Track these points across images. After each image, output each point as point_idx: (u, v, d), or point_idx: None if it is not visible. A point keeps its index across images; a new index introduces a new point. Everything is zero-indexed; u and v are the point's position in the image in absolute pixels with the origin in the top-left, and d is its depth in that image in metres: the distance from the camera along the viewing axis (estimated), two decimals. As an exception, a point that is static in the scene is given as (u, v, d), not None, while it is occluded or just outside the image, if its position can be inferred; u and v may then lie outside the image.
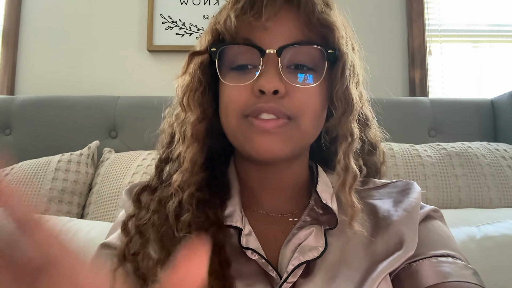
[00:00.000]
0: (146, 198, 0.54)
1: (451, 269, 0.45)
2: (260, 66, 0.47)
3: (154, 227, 0.50)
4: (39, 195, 1.11)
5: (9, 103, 1.40)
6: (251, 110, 0.47)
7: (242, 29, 0.47)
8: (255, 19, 0.47)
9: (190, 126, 0.51)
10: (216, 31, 0.50)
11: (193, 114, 0.51)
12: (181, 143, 0.52)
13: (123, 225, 0.51)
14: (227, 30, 0.48)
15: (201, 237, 0.45)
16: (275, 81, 0.46)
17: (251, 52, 0.48)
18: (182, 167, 0.50)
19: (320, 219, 0.51)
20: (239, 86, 0.48)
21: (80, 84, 1.62)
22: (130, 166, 1.16)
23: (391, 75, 1.65)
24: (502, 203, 1.11)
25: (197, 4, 1.65)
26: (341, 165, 0.49)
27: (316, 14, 0.47)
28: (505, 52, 1.74)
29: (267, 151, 0.47)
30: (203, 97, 0.52)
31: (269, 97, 0.46)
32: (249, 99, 0.47)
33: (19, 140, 1.37)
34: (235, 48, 0.49)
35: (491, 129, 1.43)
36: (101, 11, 1.67)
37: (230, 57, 0.50)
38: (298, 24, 0.48)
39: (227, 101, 0.50)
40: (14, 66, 1.64)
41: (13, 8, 1.66)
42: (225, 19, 0.48)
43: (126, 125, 1.38)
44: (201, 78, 0.51)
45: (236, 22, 0.47)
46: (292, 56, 0.48)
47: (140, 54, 1.65)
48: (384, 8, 1.69)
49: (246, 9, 0.47)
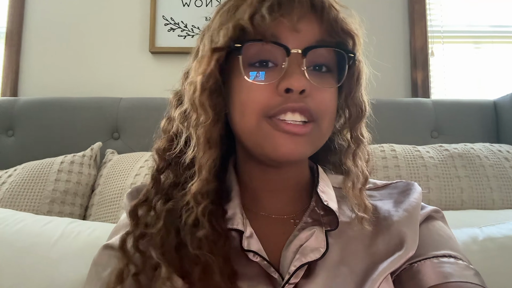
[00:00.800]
0: (145, 213, 0.51)
1: (453, 269, 0.45)
2: (285, 65, 0.46)
3: (155, 243, 0.48)
4: (41, 196, 1.11)
5: (12, 105, 1.41)
6: (277, 110, 0.46)
7: (269, 27, 0.47)
8: (287, 19, 0.46)
9: (203, 129, 0.48)
10: (240, 27, 0.47)
11: (208, 116, 0.48)
12: (196, 148, 0.49)
13: (121, 243, 0.49)
14: (255, 26, 0.46)
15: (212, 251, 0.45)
16: (303, 81, 0.45)
17: (275, 50, 0.47)
18: (201, 176, 0.48)
19: (321, 220, 0.51)
20: (261, 85, 0.47)
21: (82, 86, 1.62)
22: (133, 167, 1.17)
23: (394, 77, 1.65)
24: (505, 205, 1.10)
25: (199, 6, 1.66)
26: (357, 167, 0.52)
27: (339, 21, 0.48)
28: (507, 53, 1.74)
29: (289, 153, 0.46)
30: (218, 97, 0.49)
31: (296, 97, 0.46)
32: (272, 99, 0.47)
33: (22, 142, 1.37)
34: (259, 45, 0.47)
35: (493, 130, 1.43)
36: (104, 13, 1.68)
37: (251, 54, 0.48)
38: (321, 28, 0.49)
39: (245, 100, 0.48)
40: (17, 68, 1.65)
41: (16, 10, 1.66)
42: (251, 14, 0.46)
43: (129, 126, 1.39)
44: (218, 77, 0.48)
45: (268, 18, 0.45)
46: (315, 57, 0.48)
47: (142, 56, 1.66)
48: (386, 9, 1.69)
49: (274, 8, 0.46)
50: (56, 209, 1.11)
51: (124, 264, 0.48)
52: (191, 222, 0.47)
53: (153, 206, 0.51)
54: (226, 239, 0.47)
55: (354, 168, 0.52)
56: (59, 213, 1.10)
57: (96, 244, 0.77)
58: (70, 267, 0.79)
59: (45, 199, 1.11)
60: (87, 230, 0.88)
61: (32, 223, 0.89)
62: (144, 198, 0.52)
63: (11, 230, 0.85)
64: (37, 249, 0.82)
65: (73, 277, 0.77)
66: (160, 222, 0.49)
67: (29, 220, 0.90)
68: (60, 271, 0.79)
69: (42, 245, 0.83)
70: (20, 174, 1.16)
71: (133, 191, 0.59)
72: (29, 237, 0.84)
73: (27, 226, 0.87)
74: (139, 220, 0.51)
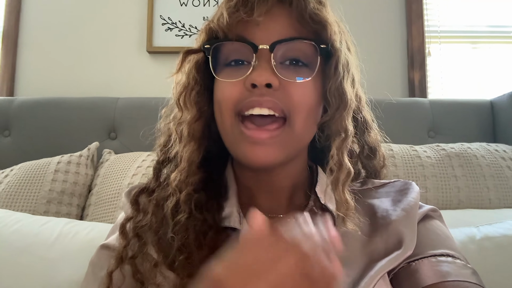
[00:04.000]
0: (144, 200, 0.54)
1: (450, 268, 0.45)
2: (253, 61, 0.47)
3: (151, 230, 0.49)
4: (38, 197, 1.11)
5: (9, 105, 1.40)
6: (243, 104, 0.47)
7: (235, 26, 0.48)
8: (248, 15, 0.47)
9: (186, 125, 0.51)
10: (211, 30, 0.51)
11: (189, 113, 0.51)
12: (178, 142, 0.52)
13: (121, 227, 0.51)
14: (220, 27, 0.49)
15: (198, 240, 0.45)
16: (266, 74, 0.46)
17: (244, 48, 0.48)
18: (180, 166, 0.50)
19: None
20: (232, 82, 0.48)
21: (79, 86, 1.62)
22: (130, 167, 1.16)
23: (391, 77, 1.66)
24: (502, 204, 1.10)
25: (196, 5, 1.65)
26: (334, 161, 0.49)
27: (309, 11, 0.48)
28: (504, 53, 1.75)
29: (261, 161, 0.47)
30: (199, 96, 0.52)
31: (263, 91, 0.46)
32: (242, 94, 0.48)
33: (19, 142, 1.37)
34: (228, 45, 0.50)
35: (490, 130, 1.43)
36: (101, 13, 1.67)
37: (224, 54, 0.50)
38: (290, 21, 0.49)
39: (220, 98, 0.50)
40: (14, 68, 1.64)
41: (13, 10, 1.66)
42: (218, 17, 0.49)
43: (126, 126, 1.38)
44: (196, 77, 0.52)
45: (229, 19, 0.47)
46: (285, 52, 0.48)
47: (140, 56, 1.65)
48: (383, 9, 1.69)
49: (238, 7, 0.48)
50: (53, 209, 1.10)
51: (123, 246, 0.49)
52: (171, 208, 0.49)
53: (154, 196, 0.53)
54: (217, 232, 0.48)
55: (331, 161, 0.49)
56: (56, 213, 1.10)
57: (93, 244, 0.76)
58: (67, 267, 0.79)
59: (42, 199, 1.10)
60: (84, 230, 0.87)
61: (29, 224, 0.88)
62: (145, 187, 0.55)
63: (8, 231, 0.85)
64: (34, 249, 0.82)
65: (70, 277, 0.77)
66: (157, 211, 0.51)
67: (26, 221, 0.90)
68: (57, 271, 0.78)
69: (39, 246, 0.82)
70: (16, 175, 1.15)
71: (130, 190, 0.60)
72: (26, 238, 0.84)
73: (24, 227, 0.87)
74: (139, 207, 0.53)
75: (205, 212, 0.49)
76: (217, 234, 0.48)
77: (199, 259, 0.44)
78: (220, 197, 0.53)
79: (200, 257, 0.45)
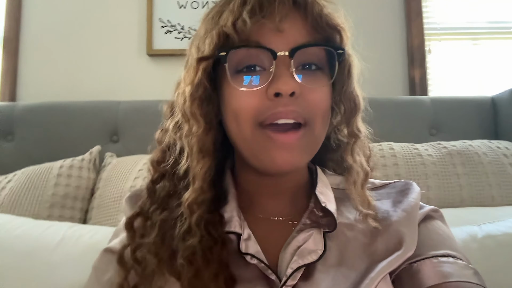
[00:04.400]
0: (140, 224, 0.51)
1: (452, 269, 0.45)
2: (272, 69, 0.46)
3: (152, 254, 0.48)
4: (41, 201, 1.11)
5: (11, 110, 1.41)
6: (267, 115, 0.46)
7: (252, 31, 0.46)
8: (269, 20, 0.46)
9: (196, 139, 0.48)
10: (224, 34, 0.47)
11: (199, 126, 0.48)
12: (189, 158, 0.49)
13: (119, 257, 0.49)
14: (238, 32, 0.46)
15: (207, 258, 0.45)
16: (292, 83, 0.45)
17: (261, 54, 0.47)
18: (194, 186, 0.48)
19: (319, 221, 0.51)
20: (251, 91, 0.46)
21: (81, 90, 1.62)
22: (132, 170, 1.17)
23: (391, 75, 1.65)
24: (505, 201, 1.10)
25: (195, 7, 1.66)
26: (356, 163, 0.51)
27: (324, 16, 0.48)
28: (505, 49, 1.74)
29: (286, 164, 0.46)
30: (208, 106, 0.49)
31: (286, 100, 0.45)
32: (263, 104, 0.46)
33: (21, 147, 1.37)
34: (244, 51, 0.47)
35: (492, 126, 1.43)
36: (100, 17, 1.68)
37: (237, 60, 0.47)
38: (306, 26, 0.48)
39: (237, 108, 0.47)
40: (15, 73, 1.65)
41: (13, 15, 1.66)
42: (233, 20, 0.46)
43: (128, 129, 1.39)
44: (207, 85, 0.48)
45: (250, 23, 0.45)
46: (302, 57, 0.47)
47: (140, 59, 1.66)
48: (382, 7, 1.69)
49: (256, 11, 0.46)
50: (56, 213, 1.11)
51: (123, 278, 0.48)
52: (183, 232, 0.47)
53: (149, 217, 0.51)
54: (223, 244, 0.47)
55: (353, 164, 0.51)
56: (59, 217, 1.10)
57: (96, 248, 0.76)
58: (71, 271, 0.79)
59: (45, 203, 1.11)
60: (87, 234, 0.88)
61: (32, 228, 0.89)
62: (139, 210, 0.52)
63: (11, 235, 0.85)
64: (37, 253, 0.82)
65: (74, 281, 0.77)
66: (154, 233, 0.49)
67: (29, 225, 0.90)
68: (61, 275, 0.79)
69: (42, 250, 0.83)
70: (19, 179, 1.16)
71: (132, 195, 0.59)
72: (29, 242, 0.84)
73: (28, 231, 0.87)
74: (135, 232, 0.51)
75: (211, 227, 0.47)
76: (222, 246, 0.47)
77: (207, 276, 0.44)
78: (220, 205, 0.52)
79: (209, 273, 0.44)
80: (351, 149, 0.52)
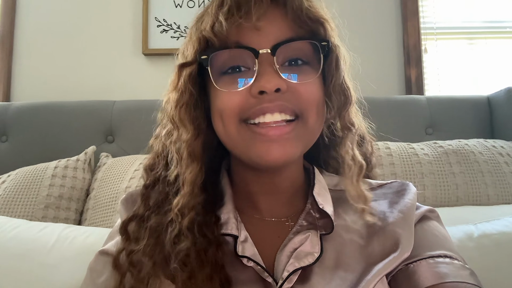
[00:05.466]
0: (134, 229, 0.51)
1: (448, 269, 0.45)
2: (256, 67, 0.46)
3: (146, 257, 0.48)
4: (36, 202, 1.11)
5: (5, 110, 1.39)
6: (252, 111, 0.46)
7: (231, 32, 0.46)
8: (246, 20, 0.46)
9: (185, 144, 0.48)
10: (204, 38, 0.48)
11: (188, 131, 0.48)
12: (178, 164, 0.50)
13: (114, 261, 0.50)
14: (216, 35, 0.46)
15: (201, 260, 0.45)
16: (275, 80, 0.45)
17: (243, 54, 0.47)
18: (183, 190, 0.48)
19: (316, 223, 0.51)
20: (236, 92, 0.46)
21: (76, 89, 1.61)
22: (127, 170, 1.16)
23: (387, 74, 1.66)
24: (500, 200, 1.11)
25: (191, 6, 1.65)
26: (349, 156, 0.50)
27: (304, 10, 0.47)
28: (501, 48, 1.75)
29: (278, 159, 0.46)
30: (196, 110, 0.49)
31: (272, 97, 0.45)
32: (247, 102, 0.46)
33: (16, 147, 1.36)
34: (226, 53, 0.47)
35: (487, 126, 1.43)
36: (96, 16, 1.67)
37: (220, 62, 0.48)
38: (287, 22, 0.48)
39: (222, 108, 0.48)
40: (9, 72, 1.64)
41: (8, 14, 1.65)
42: (212, 24, 0.47)
43: (123, 129, 1.38)
44: (192, 91, 0.49)
45: (227, 25, 0.45)
46: (286, 53, 0.47)
47: (135, 58, 1.65)
48: (378, 7, 1.69)
49: (233, 12, 0.46)
50: (51, 214, 1.10)
51: (118, 281, 0.48)
52: (174, 236, 0.47)
53: (143, 221, 0.51)
54: (218, 245, 0.47)
55: (347, 157, 0.51)
56: (54, 218, 1.10)
57: (91, 249, 0.76)
58: (66, 272, 0.79)
59: (40, 204, 1.10)
60: (82, 235, 0.87)
61: (27, 229, 0.88)
62: (133, 214, 0.53)
63: (6, 237, 0.85)
64: (33, 255, 0.81)
65: (69, 282, 0.77)
66: (148, 237, 0.49)
67: (24, 227, 0.89)
68: (56, 276, 0.78)
69: (38, 251, 0.82)
70: (13, 180, 1.15)
71: (127, 197, 0.59)
72: (24, 243, 0.84)
73: (22, 232, 0.87)
74: (130, 236, 0.51)
75: (205, 229, 0.48)
76: (218, 248, 0.47)
77: (201, 278, 0.44)
78: (216, 206, 0.52)
79: (203, 275, 0.44)
80: (343, 142, 0.51)
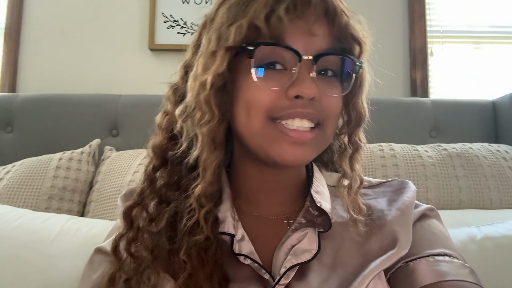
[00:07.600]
0: (137, 214, 0.50)
1: (448, 268, 0.45)
2: (295, 70, 0.46)
3: (146, 250, 0.47)
4: (40, 193, 1.11)
5: (11, 101, 1.40)
6: (284, 113, 0.46)
7: (285, 29, 0.45)
8: (303, 22, 0.46)
9: (208, 129, 0.46)
10: (254, 27, 0.45)
11: (214, 116, 0.46)
12: (197, 148, 0.47)
13: (114, 246, 0.49)
14: (270, 27, 0.45)
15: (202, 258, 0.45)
16: (314, 88, 0.45)
17: (286, 54, 0.46)
18: (205, 178, 0.47)
19: (315, 221, 0.51)
20: (271, 89, 0.46)
21: (81, 82, 1.62)
22: (131, 164, 1.17)
23: (393, 76, 1.65)
24: (503, 204, 1.10)
25: (198, 3, 1.65)
26: (355, 171, 0.52)
27: (349, 27, 0.48)
28: (506, 53, 1.74)
29: (296, 159, 0.46)
30: (224, 96, 0.47)
31: (306, 103, 0.46)
32: (280, 102, 0.46)
33: (21, 138, 1.37)
34: (271, 48, 0.46)
35: (492, 130, 1.43)
36: (103, 10, 1.67)
37: (261, 55, 0.46)
38: (331, 34, 0.48)
39: (252, 100, 0.46)
40: (16, 64, 1.64)
41: (15, 6, 1.66)
42: (267, 14, 0.45)
43: (128, 123, 1.39)
44: (227, 76, 0.46)
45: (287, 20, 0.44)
46: (323, 63, 0.48)
47: (141, 53, 1.65)
48: (386, 9, 1.69)
49: (291, 9, 0.45)
50: (55, 205, 1.11)
51: (116, 268, 0.48)
52: (190, 226, 0.46)
53: (147, 208, 0.50)
54: (218, 245, 0.47)
55: (351, 172, 0.52)
56: (58, 209, 1.10)
57: (94, 241, 0.76)
58: (68, 263, 0.79)
59: (43, 195, 1.11)
60: (85, 227, 0.87)
61: (30, 220, 0.89)
62: (140, 200, 0.51)
63: (10, 226, 0.85)
64: (36, 245, 0.82)
65: (71, 273, 0.77)
66: (154, 226, 0.48)
67: (27, 217, 0.90)
68: (59, 267, 0.79)
69: (41, 242, 0.83)
70: (18, 171, 1.16)
71: (127, 193, 0.59)
72: (28, 234, 0.84)
73: (26, 223, 0.87)
74: (133, 222, 0.50)
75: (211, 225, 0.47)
76: (217, 246, 0.46)
77: (203, 276, 0.44)
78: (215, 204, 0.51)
79: (204, 274, 0.44)
80: (350, 158, 0.53)
